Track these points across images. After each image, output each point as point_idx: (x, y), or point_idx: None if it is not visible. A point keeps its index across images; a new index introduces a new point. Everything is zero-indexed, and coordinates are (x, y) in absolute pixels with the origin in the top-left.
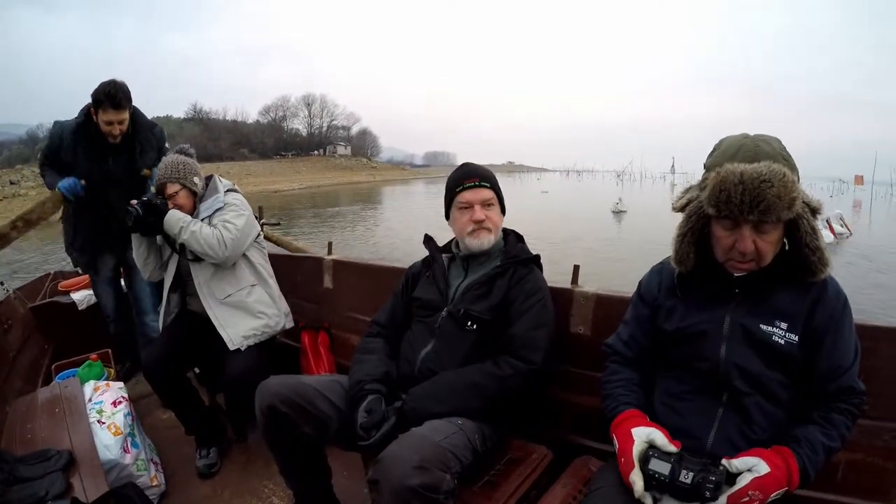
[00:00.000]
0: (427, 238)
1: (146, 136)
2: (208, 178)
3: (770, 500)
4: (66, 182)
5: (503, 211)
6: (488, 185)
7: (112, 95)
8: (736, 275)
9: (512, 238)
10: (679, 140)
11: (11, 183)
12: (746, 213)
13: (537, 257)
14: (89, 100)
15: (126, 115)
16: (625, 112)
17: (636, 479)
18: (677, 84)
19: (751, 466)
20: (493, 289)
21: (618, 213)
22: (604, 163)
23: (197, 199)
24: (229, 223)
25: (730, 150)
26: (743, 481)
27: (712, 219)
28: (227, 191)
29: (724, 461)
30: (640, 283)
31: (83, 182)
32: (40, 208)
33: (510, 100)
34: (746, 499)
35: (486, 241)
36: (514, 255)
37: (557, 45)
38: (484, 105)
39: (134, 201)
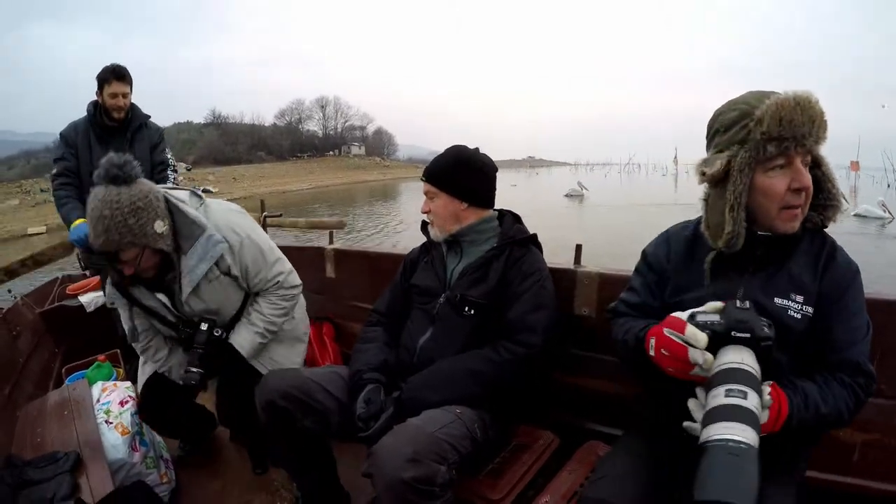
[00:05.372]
0: (424, 224)
1: (138, 127)
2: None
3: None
4: (76, 233)
5: (472, 200)
6: (425, 178)
7: (116, 69)
8: (787, 230)
9: (508, 218)
10: (689, 131)
11: (42, 190)
12: (806, 136)
13: (534, 237)
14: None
15: (129, 89)
16: (640, 104)
17: (695, 332)
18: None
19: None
20: (489, 272)
21: (573, 196)
22: (610, 156)
23: (164, 243)
24: (276, 280)
25: (748, 96)
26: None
27: (757, 172)
28: (200, 205)
29: None
30: (645, 252)
31: None
32: (51, 251)
33: (534, 95)
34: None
35: (433, 232)
36: (511, 236)
37: (578, 40)
38: (508, 101)
39: (193, 369)
